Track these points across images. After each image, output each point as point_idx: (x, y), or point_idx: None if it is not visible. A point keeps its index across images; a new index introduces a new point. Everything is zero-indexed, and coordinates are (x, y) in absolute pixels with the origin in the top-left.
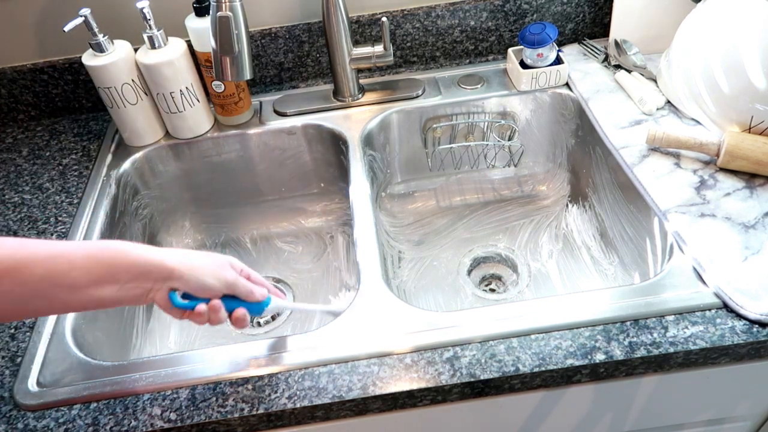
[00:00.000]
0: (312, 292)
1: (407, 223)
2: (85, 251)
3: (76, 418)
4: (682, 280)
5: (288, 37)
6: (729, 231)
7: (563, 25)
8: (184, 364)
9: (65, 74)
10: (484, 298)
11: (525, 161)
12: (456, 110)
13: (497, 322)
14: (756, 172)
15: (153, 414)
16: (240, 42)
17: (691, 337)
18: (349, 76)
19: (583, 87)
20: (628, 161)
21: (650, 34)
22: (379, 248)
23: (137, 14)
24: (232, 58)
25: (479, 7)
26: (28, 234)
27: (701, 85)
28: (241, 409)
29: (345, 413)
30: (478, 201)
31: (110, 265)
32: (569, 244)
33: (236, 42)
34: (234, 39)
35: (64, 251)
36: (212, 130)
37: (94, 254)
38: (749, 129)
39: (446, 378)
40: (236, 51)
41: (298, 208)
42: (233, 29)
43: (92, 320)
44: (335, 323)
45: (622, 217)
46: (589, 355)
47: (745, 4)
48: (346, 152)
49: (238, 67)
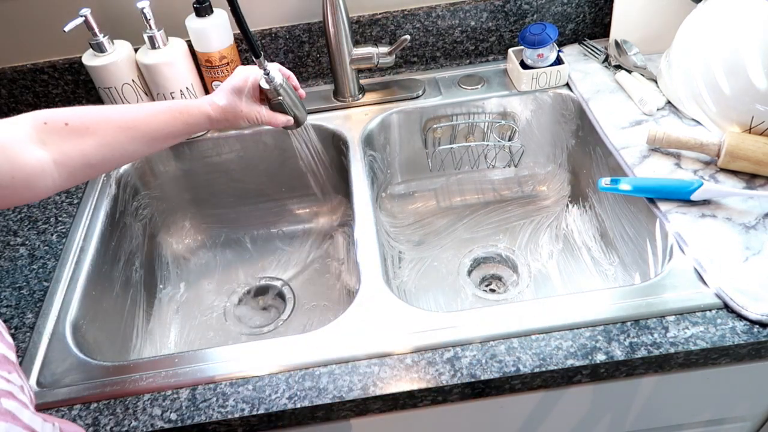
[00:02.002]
0: (312, 292)
1: (407, 223)
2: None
3: (77, 419)
4: (683, 280)
5: (288, 37)
6: (730, 231)
7: (563, 26)
8: (185, 364)
9: (65, 74)
10: (485, 299)
11: (525, 161)
12: (456, 110)
13: (498, 322)
14: (756, 172)
15: (153, 414)
16: (293, 104)
17: (692, 338)
18: (349, 77)
19: (583, 87)
20: (629, 162)
21: (650, 35)
22: (379, 248)
23: (137, 14)
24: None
25: (479, 8)
26: (29, 234)
27: (702, 86)
28: (241, 410)
29: (345, 414)
30: (479, 201)
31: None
32: (569, 244)
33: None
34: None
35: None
36: (212, 131)
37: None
38: (750, 129)
39: (447, 378)
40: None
41: (298, 209)
42: (286, 106)
43: (92, 320)
44: (336, 323)
45: (623, 217)
46: (589, 356)
47: (745, 4)
48: (346, 152)
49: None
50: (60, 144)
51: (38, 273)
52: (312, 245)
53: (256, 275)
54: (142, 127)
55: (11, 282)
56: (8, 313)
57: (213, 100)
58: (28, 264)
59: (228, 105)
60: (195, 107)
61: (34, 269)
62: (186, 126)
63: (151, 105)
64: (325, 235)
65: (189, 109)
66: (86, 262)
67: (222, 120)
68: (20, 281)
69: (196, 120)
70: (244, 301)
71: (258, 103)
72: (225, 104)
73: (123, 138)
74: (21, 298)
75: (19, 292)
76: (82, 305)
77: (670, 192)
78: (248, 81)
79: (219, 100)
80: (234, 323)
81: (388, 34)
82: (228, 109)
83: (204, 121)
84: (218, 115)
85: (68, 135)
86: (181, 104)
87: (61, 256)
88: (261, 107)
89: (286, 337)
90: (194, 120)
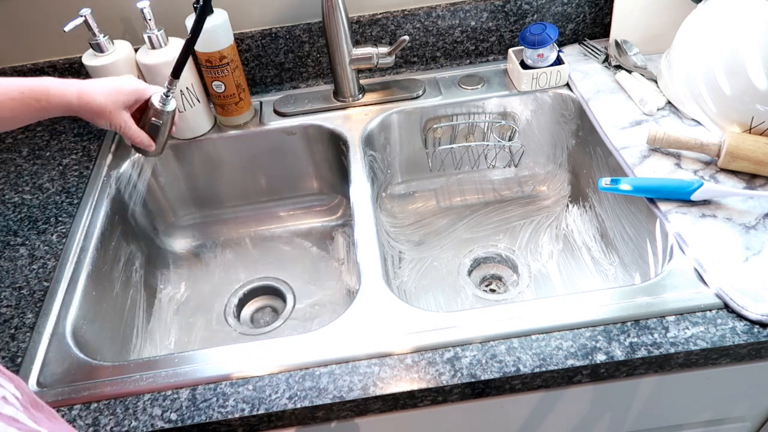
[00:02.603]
0: (312, 292)
1: (408, 223)
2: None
3: (77, 419)
4: (683, 280)
5: (288, 38)
6: (730, 232)
7: (564, 26)
8: (185, 365)
9: (65, 74)
10: (485, 299)
11: (525, 162)
12: (456, 110)
13: (498, 322)
14: (756, 172)
15: (153, 414)
16: (164, 135)
17: (692, 338)
18: (349, 77)
19: (583, 87)
20: (629, 162)
21: (651, 35)
22: (379, 248)
23: (137, 14)
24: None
25: (480, 8)
26: (29, 234)
27: (702, 86)
28: (241, 410)
29: (346, 414)
30: (479, 201)
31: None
32: (570, 244)
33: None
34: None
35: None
36: (213, 131)
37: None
38: (750, 129)
39: (447, 378)
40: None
41: (299, 209)
42: (160, 133)
43: (92, 320)
44: (336, 323)
45: (623, 217)
46: (589, 356)
47: (745, 4)
48: (346, 152)
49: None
50: None
51: (38, 273)
52: (312, 245)
53: (256, 275)
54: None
55: (11, 282)
56: (8, 313)
57: (86, 92)
58: (28, 264)
59: (97, 102)
60: (57, 95)
61: (34, 269)
62: (39, 114)
63: (3, 87)
64: (325, 235)
65: (49, 97)
66: (86, 262)
67: (83, 111)
68: (20, 281)
69: (55, 107)
70: (244, 301)
71: (128, 113)
72: (94, 100)
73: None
74: (21, 298)
75: (19, 292)
76: (82, 305)
77: (670, 192)
78: (136, 94)
79: (95, 95)
80: (234, 323)
81: (388, 34)
82: (95, 105)
83: (62, 108)
84: (81, 107)
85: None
86: (40, 90)
87: (61, 256)
88: (130, 118)
89: (286, 337)
90: (52, 108)
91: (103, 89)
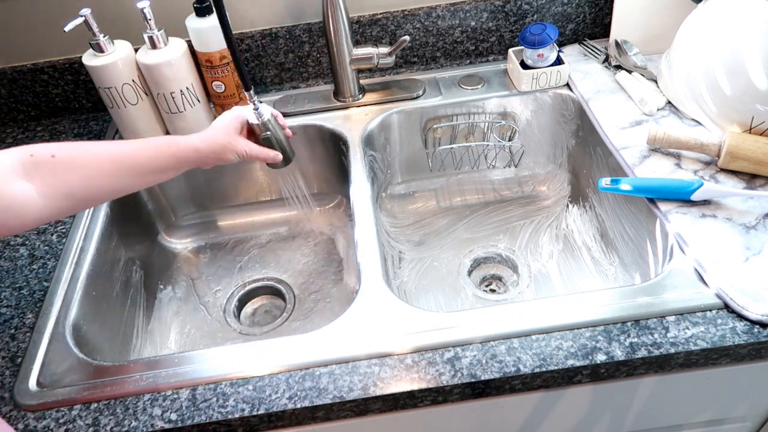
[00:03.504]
0: (312, 292)
1: (408, 223)
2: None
3: (77, 419)
4: (683, 280)
5: (288, 38)
6: (730, 232)
7: (564, 26)
8: (185, 365)
9: (65, 74)
10: (485, 299)
11: (525, 162)
12: (456, 111)
13: (498, 322)
14: (757, 172)
15: (153, 414)
16: (281, 141)
17: (692, 338)
18: (349, 77)
19: (583, 87)
20: (629, 162)
21: (651, 35)
22: (379, 248)
23: (137, 14)
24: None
25: (480, 8)
26: (29, 234)
27: (702, 86)
28: (241, 410)
29: (346, 414)
30: (479, 201)
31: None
32: (570, 244)
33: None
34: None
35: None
36: None
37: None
38: (750, 129)
39: (447, 378)
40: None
41: (299, 209)
42: (274, 141)
43: (92, 320)
44: (336, 323)
45: (623, 217)
46: (589, 356)
47: (745, 4)
48: (346, 153)
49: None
50: (45, 176)
51: (38, 273)
52: (312, 245)
53: (256, 275)
54: (128, 160)
55: (11, 282)
56: (8, 313)
57: (205, 135)
58: (28, 264)
59: (216, 139)
60: (183, 141)
61: (34, 269)
62: (174, 159)
63: (139, 140)
64: (325, 235)
65: (177, 143)
66: (86, 262)
67: (210, 153)
68: (20, 281)
69: (185, 154)
70: (244, 301)
71: (246, 138)
72: (213, 138)
73: (109, 171)
74: (21, 298)
75: (19, 292)
76: (82, 305)
77: (671, 192)
78: (238, 117)
79: (208, 134)
80: (234, 323)
81: (388, 34)
82: (217, 142)
83: (192, 154)
84: (206, 148)
85: (54, 167)
86: (170, 139)
87: (61, 256)
88: (249, 141)
89: (286, 337)
90: (183, 154)
91: (215, 127)
